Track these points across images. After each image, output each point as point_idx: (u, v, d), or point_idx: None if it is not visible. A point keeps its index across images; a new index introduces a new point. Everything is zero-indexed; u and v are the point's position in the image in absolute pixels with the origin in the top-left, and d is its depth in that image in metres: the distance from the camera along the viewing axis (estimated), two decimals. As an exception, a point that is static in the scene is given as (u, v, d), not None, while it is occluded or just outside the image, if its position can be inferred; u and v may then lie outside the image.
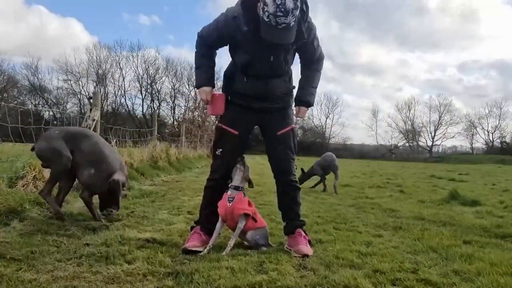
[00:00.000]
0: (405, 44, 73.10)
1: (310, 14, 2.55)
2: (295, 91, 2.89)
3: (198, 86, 2.76)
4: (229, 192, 2.65)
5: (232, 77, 2.77)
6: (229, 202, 2.61)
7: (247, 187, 2.75)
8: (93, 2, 61.82)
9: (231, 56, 2.76)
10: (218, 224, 2.65)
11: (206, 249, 2.52)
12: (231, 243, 2.56)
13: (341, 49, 72.09)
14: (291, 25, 2.33)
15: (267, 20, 2.31)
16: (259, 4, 2.35)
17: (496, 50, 75.52)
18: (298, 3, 2.31)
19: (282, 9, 2.25)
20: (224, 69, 2.85)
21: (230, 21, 2.51)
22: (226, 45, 2.72)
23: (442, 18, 68.12)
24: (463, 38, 72.58)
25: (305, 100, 2.86)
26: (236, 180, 2.68)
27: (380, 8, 69.12)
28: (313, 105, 2.95)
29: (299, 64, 2.88)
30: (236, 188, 2.65)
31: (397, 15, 69.70)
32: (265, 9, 2.29)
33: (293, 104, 2.92)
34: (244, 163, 2.71)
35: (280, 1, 2.24)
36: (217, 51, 2.80)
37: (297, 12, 2.33)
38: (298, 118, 2.96)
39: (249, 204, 2.69)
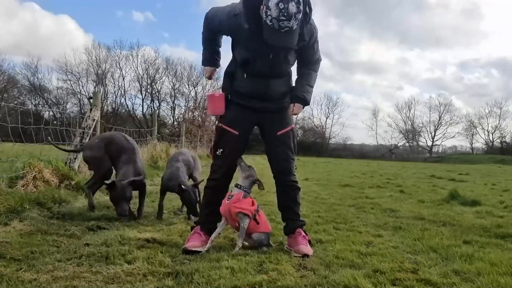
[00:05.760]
0: (405, 42, 72.81)
1: None
2: None
3: (203, 65, 2.90)
4: (231, 191, 2.66)
5: (232, 75, 2.77)
6: (228, 200, 2.62)
7: (256, 189, 2.75)
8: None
9: (232, 51, 2.77)
10: (222, 222, 2.67)
11: (206, 246, 2.53)
12: (239, 243, 2.59)
13: (340, 46, 71.56)
14: (294, 28, 2.34)
15: (270, 24, 2.31)
16: (261, 7, 2.35)
17: (498, 48, 75.32)
18: (301, 7, 2.31)
19: (285, 14, 2.25)
20: (225, 69, 2.86)
21: (232, 17, 2.53)
22: (226, 36, 2.77)
23: (443, 14, 67.41)
24: (464, 35, 72.18)
25: (301, 96, 2.76)
26: (240, 179, 2.70)
27: (380, 3, 68.78)
28: (309, 104, 2.81)
29: (296, 64, 2.86)
30: (237, 186, 2.67)
31: (397, 11, 69.20)
32: (268, 13, 2.29)
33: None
34: (245, 164, 2.72)
35: (283, 6, 2.24)
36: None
37: (300, 16, 2.33)
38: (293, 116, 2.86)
39: (253, 204, 2.68)
